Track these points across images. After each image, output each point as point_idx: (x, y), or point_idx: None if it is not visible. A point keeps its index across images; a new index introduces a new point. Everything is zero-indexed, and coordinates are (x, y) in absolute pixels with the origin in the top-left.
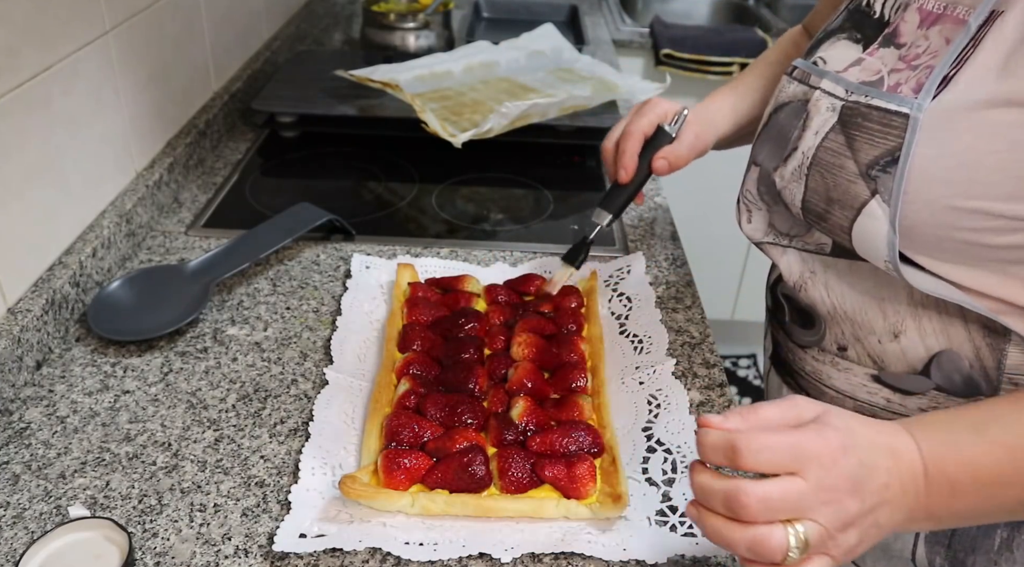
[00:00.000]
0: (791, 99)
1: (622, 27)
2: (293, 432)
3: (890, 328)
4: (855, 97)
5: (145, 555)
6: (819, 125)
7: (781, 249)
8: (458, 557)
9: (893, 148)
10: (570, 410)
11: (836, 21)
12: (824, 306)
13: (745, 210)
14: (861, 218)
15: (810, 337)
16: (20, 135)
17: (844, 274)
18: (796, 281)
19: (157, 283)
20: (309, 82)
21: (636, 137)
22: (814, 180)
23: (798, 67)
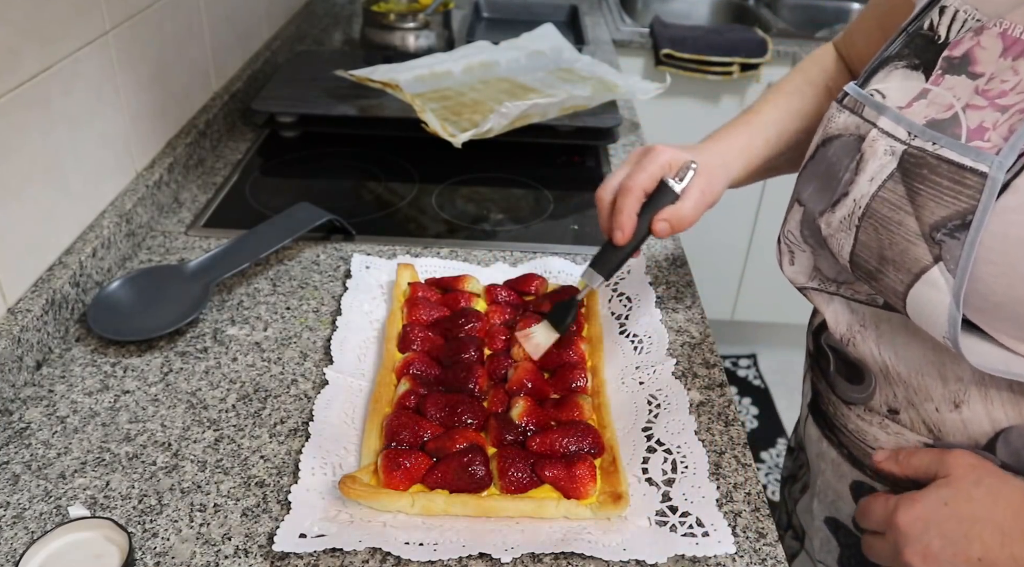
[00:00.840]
0: (842, 132)
1: (622, 27)
2: (293, 432)
3: (950, 396)
4: (919, 142)
5: (145, 555)
6: (875, 171)
7: (827, 297)
8: (458, 557)
9: (964, 211)
10: (570, 410)
11: (893, 46)
12: (875, 364)
13: (787, 251)
14: (919, 285)
15: (857, 394)
16: (20, 135)
17: (899, 331)
18: (843, 334)
19: (157, 283)
20: (309, 82)
21: (635, 194)
22: (866, 234)
23: (850, 95)
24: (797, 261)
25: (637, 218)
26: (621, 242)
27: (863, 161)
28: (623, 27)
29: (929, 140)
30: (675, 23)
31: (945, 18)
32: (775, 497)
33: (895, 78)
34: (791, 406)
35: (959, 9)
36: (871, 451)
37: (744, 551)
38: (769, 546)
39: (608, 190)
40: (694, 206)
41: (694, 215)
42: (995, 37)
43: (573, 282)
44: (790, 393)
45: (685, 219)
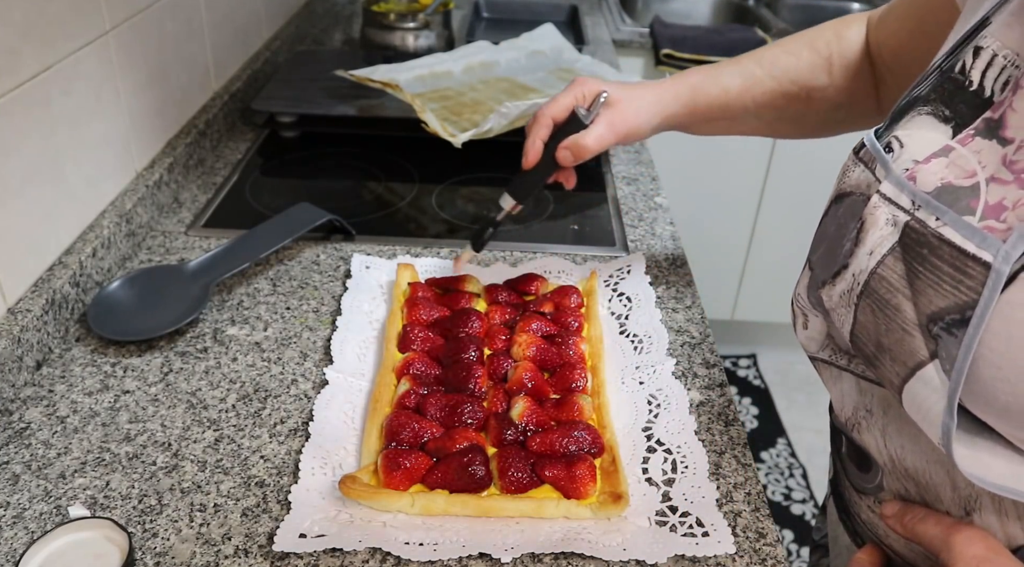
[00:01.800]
0: (853, 190)
1: (622, 27)
2: (293, 432)
3: (961, 503)
4: (922, 214)
5: (145, 555)
6: (875, 243)
7: (836, 372)
8: (458, 557)
9: (964, 304)
10: (570, 410)
11: (924, 85)
12: (880, 456)
13: (800, 314)
14: (914, 381)
15: (866, 483)
16: (20, 135)
17: (906, 421)
18: (849, 418)
19: (157, 283)
20: (309, 82)
21: (542, 122)
22: (864, 314)
23: (866, 147)
24: (811, 326)
25: (544, 146)
26: (526, 166)
27: (863, 230)
28: (623, 27)
29: (933, 213)
30: (675, 23)
31: (980, 62)
32: (775, 497)
33: (918, 125)
34: (791, 406)
35: (997, 53)
36: (884, 547)
37: (744, 551)
38: (769, 546)
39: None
40: (598, 137)
41: (596, 145)
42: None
43: (573, 282)
44: (790, 393)
45: (585, 148)
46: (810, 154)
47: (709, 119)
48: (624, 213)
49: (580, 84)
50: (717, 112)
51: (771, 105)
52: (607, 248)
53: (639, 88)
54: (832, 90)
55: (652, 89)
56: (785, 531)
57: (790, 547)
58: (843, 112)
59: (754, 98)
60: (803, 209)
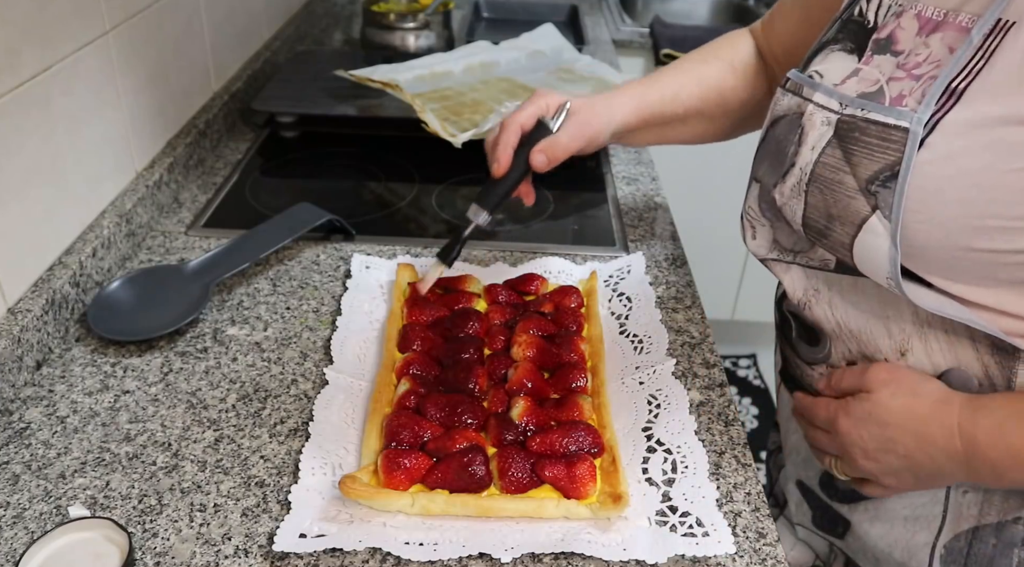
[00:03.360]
0: (786, 112)
1: (622, 27)
2: (293, 432)
3: (896, 346)
4: (850, 110)
5: (145, 555)
6: (815, 140)
7: (785, 266)
8: (458, 557)
9: (892, 162)
10: (570, 410)
11: (829, 32)
12: (829, 324)
13: (749, 227)
14: (862, 235)
15: (817, 354)
16: (20, 135)
17: (848, 291)
18: (800, 299)
19: (157, 283)
20: (309, 82)
21: (511, 129)
22: (813, 196)
23: (791, 79)
24: (759, 235)
25: (514, 154)
26: (498, 174)
27: (804, 133)
28: (623, 27)
29: (859, 107)
30: (675, 23)
31: (872, 4)
32: None
33: (832, 60)
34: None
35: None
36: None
37: (744, 551)
38: (769, 546)
39: (493, 133)
40: (569, 139)
41: (569, 145)
42: (912, 18)
43: (573, 282)
44: None
45: (560, 148)
46: None
47: (650, 125)
48: (624, 213)
49: (542, 96)
50: (657, 118)
51: (696, 108)
52: (607, 248)
53: (593, 98)
54: (739, 90)
55: (605, 99)
56: None
57: None
58: (747, 109)
59: (683, 103)
60: None
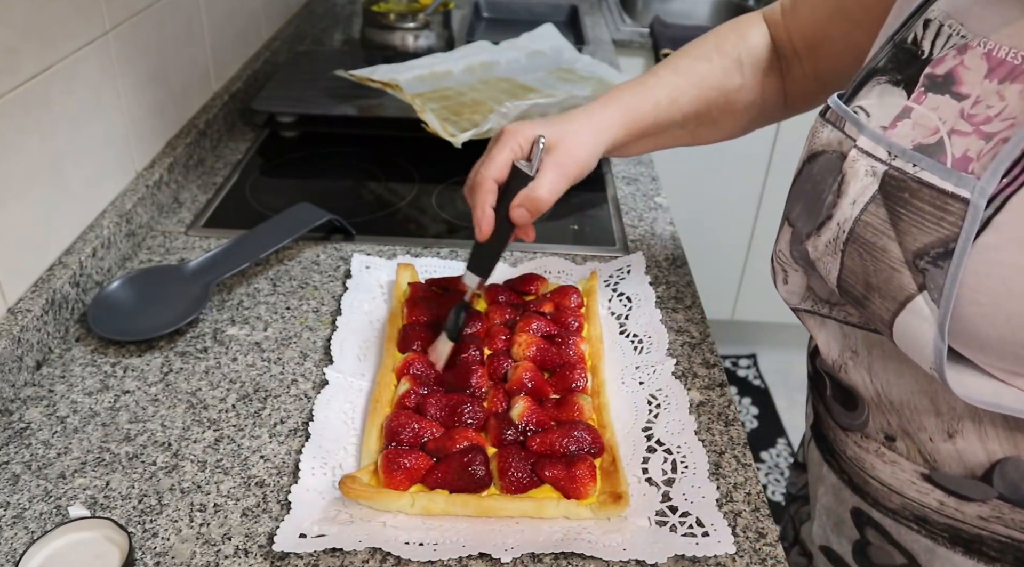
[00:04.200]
0: (825, 148)
1: (622, 27)
2: (293, 432)
3: (944, 427)
4: (900, 163)
5: (145, 555)
6: (857, 193)
7: (820, 320)
8: (458, 557)
9: (946, 238)
10: (570, 410)
11: (880, 58)
12: (867, 391)
13: (780, 270)
14: (905, 314)
15: (852, 421)
16: (20, 135)
17: (891, 358)
18: (835, 360)
19: (157, 283)
20: (309, 82)
21: (485, 188)
22: (851, 259)
23: (832, 108)
24: (791, 280)
25: (494, 211)
26: (481, 239)
27: (844, 182)
28: (623, 27)
29: (910, 161)
30: (675, 23)
31: (929, 32)
32: (775, 497)
33: (879, 94)
34: (791, 406)
35: (943, 23)
36: (871, 479)
37: (744, 551)
38: (769, 546)
39: (468, 185)
40: (550, 184)
41: (549, 195)
42: (979, 57)
43: (573, 282)
44: (790, 393)
45: (540, 200)
46: None
47: (642, 136)
48: (624, 213)
49: (511, 134)
50: (650, 128)
51: (695, 113)
52: (607, 248)
53: (573, 121)
54: (746, 89)
55: (587, 119)
56: None
57: None
58: (755, 110)
59: (680, 108)
60: None
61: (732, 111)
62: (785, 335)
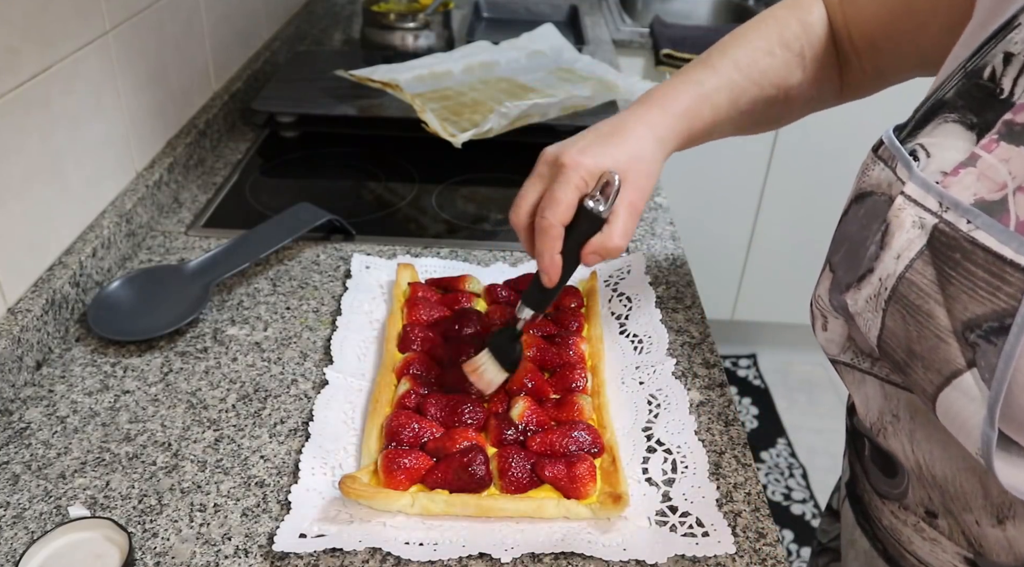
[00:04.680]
0: (874, 189)
1: (622, 27)
2: (293, 432)
3: (993, 511)
4: (952, 216)
5: (145, 555)
6: (902, 246)
7: (859, 376)
8: (458, 557)
9: (1002, 311)
10: (570, 410)
11: (948, 89)
12: (908, 461)
13: (819, 316)
14: (950, 390)
15: (890, 489)
16: (20, 135)
17: (936, 428)
18: (874, 423)
19: (157, 283)
20: (309, 82)
21: (552, 234)
22: (893, 319)
23: (886, 145)
24: (830, 328)
25: (561, 256)
26: (550, 285)
27: (889, 232)
28: (623, 27)
29: (963, 216)
30: (675, 23)
31: (1011, 69)
32: (775, 497)
33: (944, 134)
34: (791, 406)
35: None
36: (907, 554)
37: (744, 551)
38: (769, 546)
39: (522, 215)
40: (623, 230)
41: (624, 240)
42: None
43: (573, 282)
44: (790, 393)
45: (616, 248)
46: (811, 153)
47: (694, 142)
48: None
49: (573, 170)
50: (708, 131)
51: (752, 112)
52: None
53: (635, 139)
54: (806, 85)
55: (648, 133)
56: (785, 531)
57: (790, 547)
58: (812, 103)
59: (739, 109)
60: (803, 209)
61: (789, 106)
62: (785, 335)
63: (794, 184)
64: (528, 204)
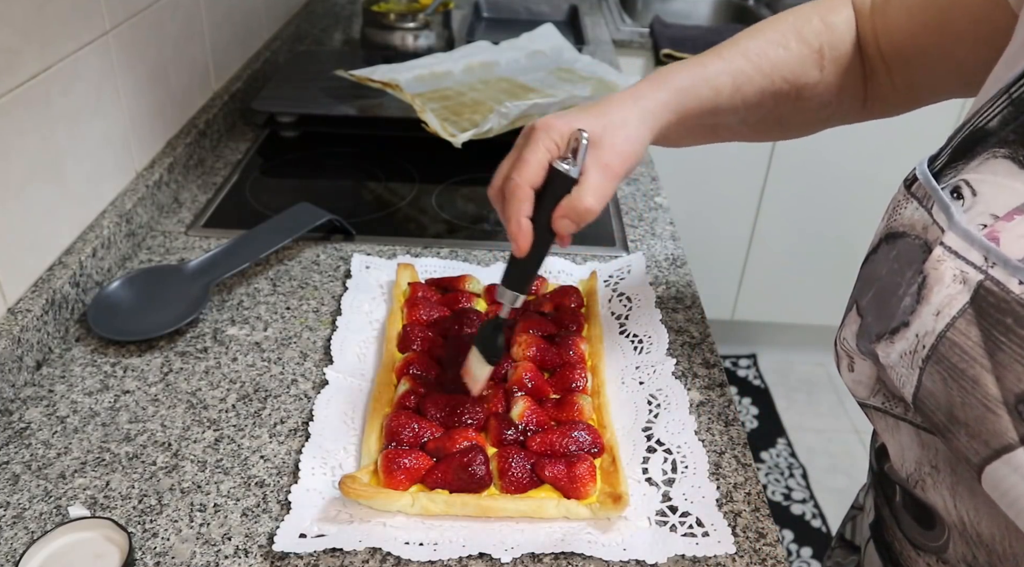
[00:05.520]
0: (908, 230)
1: (622, 27)
2: (293, 432)
3: None
4: (1000, 273)
5: (145, 555)
6: (942, 303)
7: (892, 422)
8: (458, 557)
9: None
10: (570, 410)
11: (992, 116)
12: (949, 517)
13: (845, 357)
14: (999, 464)
15: (928, 541)
16: (20, 135)
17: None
18: (911, 474)
19: (157, 283)
20: (309, 82)
21: (520, 196)
22: (932, 381)
23: (920, 182)
24: (857, 369)
25: (532, 221)
26: (519, 254)
27: (926, 286)
28: (623, 27)
29: (1014, 275)
30: (675, 23)
31: None
32: (775, 497)
33: (994, 170)
34: (791, 406)
35: None
36: None
37: (744, 551)
38: (769, 546)
39: (495, 185)
40: (597, 189)
41: (598, 201)
42: None
43: (573, 282)
44: (790, 393)
45: (588, 210)
46: (811, 154)
47: (696, 125)
48: (624, 213)
49: (543, 130)
50: (706, 116)
51: (759, 105)
52: (607, 248)
53: (617, 108)
54: (822, 86)
55: (633, 103)
56: (785, 531)
57: (790, 547)
58: (829, 110)
59: (744, 98)
60: (803, 209)
61: (803, 109)
62: (785, 335)
63: (794, 184)
64: (501, 174)
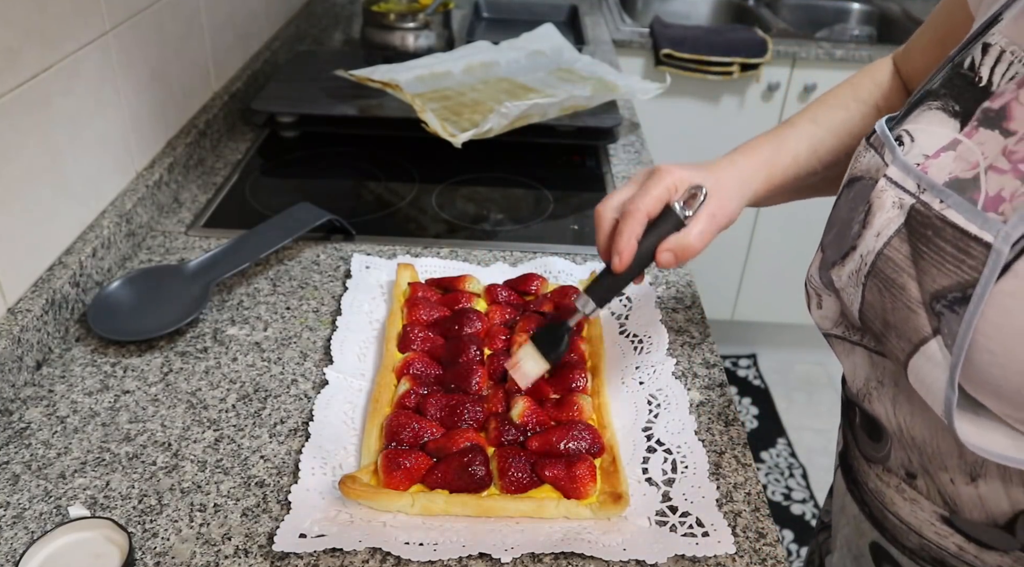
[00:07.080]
0: (864, 174)
1: (622, 27)
2: (293, 432)
3: (967, 468)
4: (927, 197)
5: (145, 555)
6: (882, 225)
7: (849, 346)
8: (458, 557)
9: (965, 283)
10: (570, 410)
11: (934, 81)
12: (890, 424)
13: (814, 295)
14: (918, 357)
15: (876, 452)
16: (20, 135)
17: (915, 393)
18: (860, 389)
19: (157, 283)
20: (309, 82)
21: (637, 218)
22: (871, 293)
23: (877, 133)
24: (824, 305)
25: (638, 244)
26: (618, 269)
27: (871, 213)
28: (623, 27)
29: (937, 196)
30: (675, 23)
31: (988, 58)
32: (775, 497)
33: (928, 120)
34: (791, 406)
35: (1005, 49)
36: (890, 514)
37: (744, 551)
38: (769, 546)
39: (609, 208)
40: (701, 233)
41: (700, 244)
42: None
43: (573, 282)
44: (790, 393)
45: (691, 248)
46: None
47: (783, 189)
48: None
49: (666, 173)
50: (790, 181)
51: (835, 162)
52: None
53: (720, 171)
54: None
55: (734, 169)
56: (785, 531)
57: (790, 547)
58: None
59: (820, 159)
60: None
61: None
62: (785, 335)
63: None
64: (617, 199)
